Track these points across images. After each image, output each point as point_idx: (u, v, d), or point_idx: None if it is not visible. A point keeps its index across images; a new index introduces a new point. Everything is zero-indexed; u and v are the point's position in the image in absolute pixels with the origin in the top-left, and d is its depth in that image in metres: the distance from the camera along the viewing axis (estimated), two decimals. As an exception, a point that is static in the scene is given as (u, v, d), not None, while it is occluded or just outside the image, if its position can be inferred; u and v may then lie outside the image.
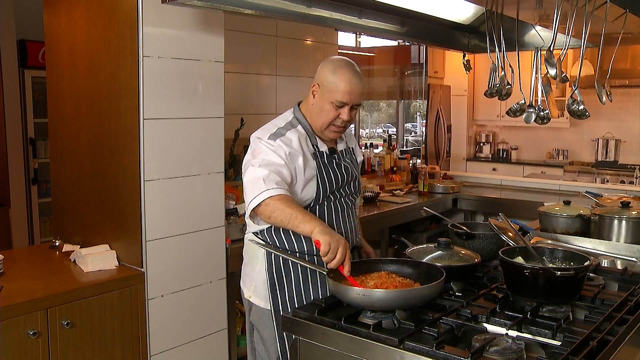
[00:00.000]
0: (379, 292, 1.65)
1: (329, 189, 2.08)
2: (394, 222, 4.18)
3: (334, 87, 1.99)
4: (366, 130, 10.01)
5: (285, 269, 2.07)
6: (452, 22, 3.66)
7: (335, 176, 2.10)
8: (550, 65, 2.29)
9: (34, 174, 4.73)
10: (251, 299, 2.13)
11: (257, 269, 2.11)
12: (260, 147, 2.01)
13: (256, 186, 1.89)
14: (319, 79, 2.04)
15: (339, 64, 2.02)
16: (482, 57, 4.41)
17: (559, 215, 2.74)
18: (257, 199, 1.87)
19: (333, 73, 2.00)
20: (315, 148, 2.09)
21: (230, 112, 3.11)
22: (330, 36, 4.38)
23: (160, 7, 2.41)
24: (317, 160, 2.07)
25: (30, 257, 2.83)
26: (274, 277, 2.06)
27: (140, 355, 2.54)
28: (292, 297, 2.06)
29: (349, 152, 2.25)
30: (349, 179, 2.16)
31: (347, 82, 1.98)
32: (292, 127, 2.07)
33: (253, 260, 2.13)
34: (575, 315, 1.73)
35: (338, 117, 2.03)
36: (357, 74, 2.02)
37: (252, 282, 2.12)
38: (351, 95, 2.00)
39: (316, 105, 2.05)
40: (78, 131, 2.82)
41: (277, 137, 2.01)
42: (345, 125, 2.07)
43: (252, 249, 2.13)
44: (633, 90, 6.31)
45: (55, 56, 2.94)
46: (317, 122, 2.07)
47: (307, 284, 2.07)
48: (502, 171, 6.81)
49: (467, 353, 1.39)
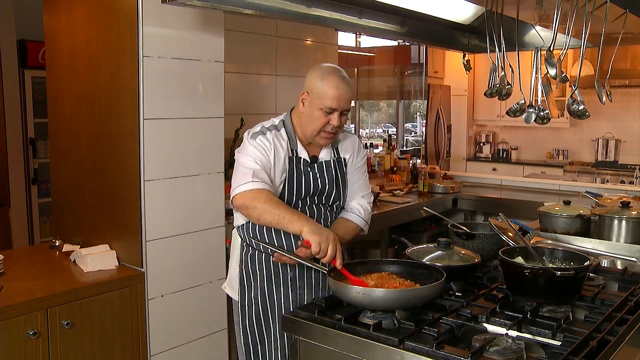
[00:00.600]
0: (379, 291, 1.65)
1: (296, 196, 2.09)
2: (394, 222, 4.18)
3: (322, 94, 2.01)
4: (366, 130, 10.02)
5: (252, 268, 2.14)
6: (452, 22, 3.66)
7: (306, 184, 2.10)
8: (550, 65, 2.29)
9: (34, 174, 4.73)
10: (226, 289, 2.28)
11: (233, 263, 2.24)
12: (246, 144, 2.09)
13: (243, 174, 1.98)
14: (308, 86, 2.07)
15: (326, 71, 2.05)
16: (482, 57, 4.41)
17: (559, 215, 2.74)
18: (242, 187, 1.96)
19: (321, 80, 2.02)
20: (293, 153, 2.10)
21: (230, 112, 3.11)
22: (330, 36, 4.38)
23: (160, 7, 2.41)
24: (292, 165, 2.09)
25: (30, 257, 2.83)
26: (244, 273, 2.17)
27: (140, 355, 2.54)
28: (257, 294, 2.13)
29: (337, 163, 2.18)
30: (324, 190, 2.14)
31: (335, 88, 2.00)
32: (276, 129, 2.11)
33: (232, 254, 2.26)
34: (575, 315, 1.73)
35: (328, 123, 2.04)
36: (344, 80, 2.04)
37: (229, 274, 2.27)
38: (340, 101, 2.01)
39: (306, 112, 2.07)
40: (78, 131, 2.82)
41: (257, 136, 2.08)
42: (335, 131, 2.08)
43: (234, 243, 2.25)
44: (633, 90, 6.31)
45: (55, 56, 2.94)
46: (307, 129, 2.08)
47: (271, 284, 2.12)
48: (502, 171, 6.81)
49: (467, 353, 1.39)
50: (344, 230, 2.15)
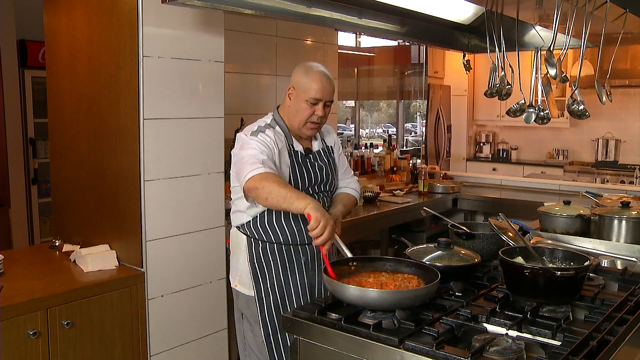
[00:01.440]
0: (373, 291, 1.65)
1: (301, 186, 2.21)
2: (394, 222, 4.18)
3: (307, 86, 2.19)
4: (366, 130, 10.02)
5: (265, 260, 2.22)
6: (452, 22, 3.66)
7: (308, 175, 2.25)
8: (550, 65, 2.29)
9: (34, 174, 4.73)
10: (237, 287, 2.29)
11: (240, 260, 2.26)
12: (245, 141, 2.17)
13: (252, 163, 2.04)
14: (294, 82, 2.25)
15: (309, 67, 2.24)
16: (482, 57, 4.41)
17: (559, 215, 2.74)
18: (254, 171, 2.01)
19: (305, 75, 2.21)
20: (290, 147, 2.24)
21: (230, 112, 3.12)
22: (330, 36, 4.38)
23: (160, 7, 2.41)
24: (292, 158, 2.22)
25: (30, 257, 2.83)
26: (256, 267, 2.22)
27: (140, 355, 2.54)
28: (273, 284, 2.21)
29: (327, 152, 2.37)
30: (324, 179, 2.30)
31: (318, 80, 2.19)
32: (271, 127, 2.23)
33: (237, 252, 2.29)
34: (575, 315, 1.73)
35: (314, 113, 2.20)
36: (326, 74, 2.23)
37: (237, 272, 2.28)
38: (323, 92, 2.19)
39: (293, 105, 2.24)
40: (78, 131, 2.82)
41: (258, 133, 2.18)
42: (320, 121, 2.24)
43: (235, 241, 2.29)
44: (633, 90, 6.31)
45: (55, 56, 2.94)
46: (294, 121, 2.24)
47: (285, 272, 2.22)
48: (502, 171, 6.81)
49: (467, 353, 1.39)
50: (347, 199, 2.39)
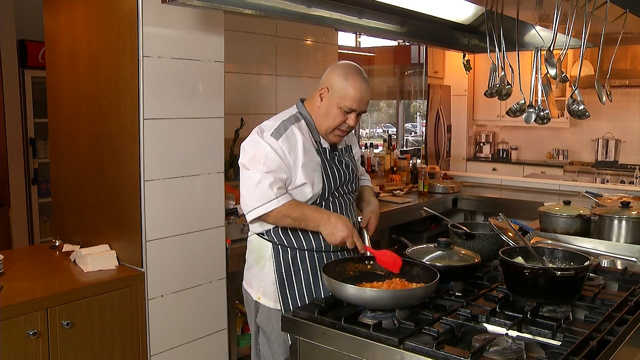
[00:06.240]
0: (371, 290, 1.65)
1: (334, 184, 2.11)
2: (394, 222, 4.18)
3: (344, 93, 2.01)
4: (366, 130, 10.01)
5: (294, 268, 2.08)
6: (452, 22, 3.66)
7: (338, 172, 2.13)
8: (550, 65, 2.29)
9: (34, 174, 4.73)
10: (260, 300, 2.12)
11: (265, 270, 2.11)
12: (260, 150, 2.01)
13: (263, 193, 1.96)
14: (329, 82, 2.05)
15: (350, 70, 2.04)
16: (482, 57, 4.40)
17: (559, 215, 2.74)
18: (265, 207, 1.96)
19: (344, 79, 2.02)
20: (318, 144, 2.11)
21: (230, 112, 3.11)
22: (330, 36, 4.38)
23: (160, 7, 2.41)
24: (321, 156, 2.10)
25: (30, 257, 2.83)
26: (283, 277, 2.07)
27: (140, 355, 2.54)
28: (303, 295, 2.07)
29: (348, 151, 2.28)
30: (351, 177, 2.20)
31: (357, 89, 2.01)
32: (297, 121, 2.08)
33: (261, 261, 2.13)
34: (575, 315, 1.73)
35: (345, 122, 2.06)
36: (367, 82, 2.05)
37: (261, 283, 2.12)
38: (360, 103, 2.03)
39: (323, 108, 2.07)
40: (78, 131, 2.82)
41: (280, 134, 2.02)
42: (349, 130, 2.12)
43: (258, 250, 2.13)
44: (633, 90, 6.30)
45: (55, 56, 2.94)
46: (322, 125, 2.09)
47: (317, 280, 2.08)
48: (502, 171, 6.81)
49: (467, 353, 1.39)
50: (370, 192, 2.42)
